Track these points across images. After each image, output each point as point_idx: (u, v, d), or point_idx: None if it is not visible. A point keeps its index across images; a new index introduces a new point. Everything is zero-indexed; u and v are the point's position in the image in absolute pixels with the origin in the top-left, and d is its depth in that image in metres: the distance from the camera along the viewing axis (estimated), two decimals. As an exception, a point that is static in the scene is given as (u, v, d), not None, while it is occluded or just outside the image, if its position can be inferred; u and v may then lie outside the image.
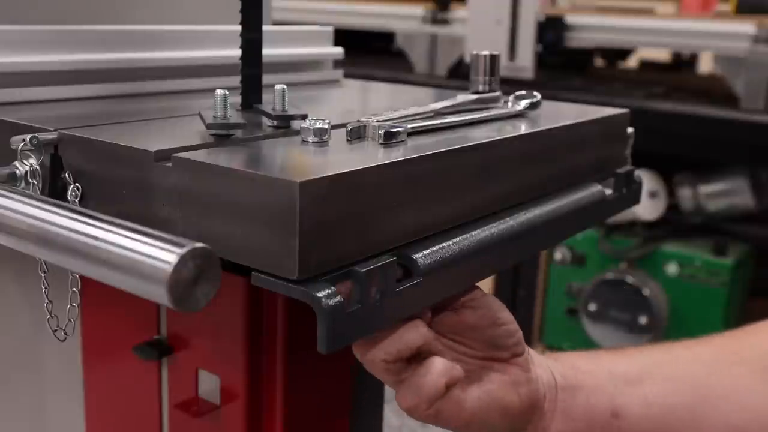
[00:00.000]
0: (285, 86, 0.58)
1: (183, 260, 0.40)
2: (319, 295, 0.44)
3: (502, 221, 0.59)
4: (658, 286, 1.82)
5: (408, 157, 0.51)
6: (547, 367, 0.63)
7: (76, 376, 0.74)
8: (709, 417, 0.63)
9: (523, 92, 0.71)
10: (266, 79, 0.66)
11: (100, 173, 0.55)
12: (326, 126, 0.53)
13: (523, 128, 0.66)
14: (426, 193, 0.54)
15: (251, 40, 0.65)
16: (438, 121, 0.61)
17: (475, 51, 0.70)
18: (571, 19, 1.96)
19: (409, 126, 0.57)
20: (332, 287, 0.45)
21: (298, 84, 0.88)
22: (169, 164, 0.50)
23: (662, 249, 1.83)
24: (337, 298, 0.45)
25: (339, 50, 0.97)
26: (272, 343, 0.61)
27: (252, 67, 0.66)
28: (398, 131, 0.54)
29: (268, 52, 0.66)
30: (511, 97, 0.71)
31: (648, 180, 1.85)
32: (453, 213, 0.56)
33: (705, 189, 1.86)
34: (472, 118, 0.65)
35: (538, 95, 0.71)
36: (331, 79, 0.96)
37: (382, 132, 0.54)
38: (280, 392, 0.62)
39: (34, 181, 0.55)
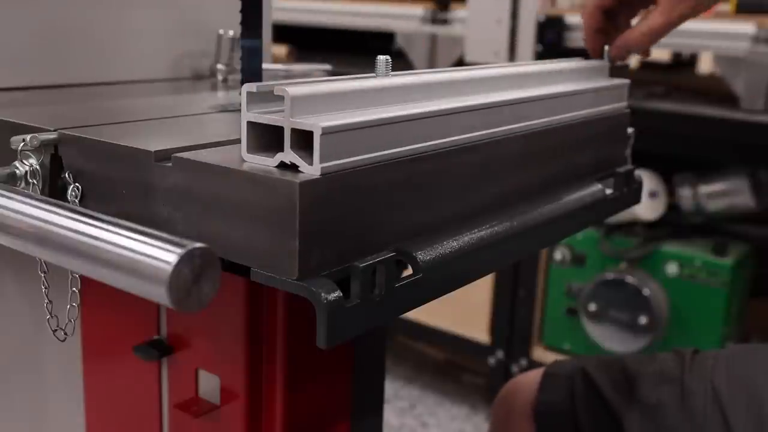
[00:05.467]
0: None
1: (183, 260, 0.40)
2: (318, 290, 0.44)
3: (501, 219, 0.59)
4: (658, 286, 1.82)
5: (408, 156, 0.51)
6: None
7: (76, 376, 0.74)
8: None
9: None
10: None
11: (100, 173, 0.55)
12: None
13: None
14: (426, 192, 0.54)
15: (252, 39, 0.65)
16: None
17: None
18: (571, 19, 1.96)
19: None
20: (331, 282, 0.45)
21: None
22: (169, 164, 0.50)
23: (662, 249, 1.83)
24: (336, 293, 0.45)
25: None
26: (272, 343, 0.61)
27: (252, 67, 0.66)
28: None
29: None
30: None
31: (648, 180, 1.85)
32: (453, 211, 0.56)
33: (705, 189, 1.86)
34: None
35: None
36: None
37: None
38: (280, 392, 0.62)
39: (34, 181, 0.55)
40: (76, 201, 0.55)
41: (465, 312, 2.11)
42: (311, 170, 0.45)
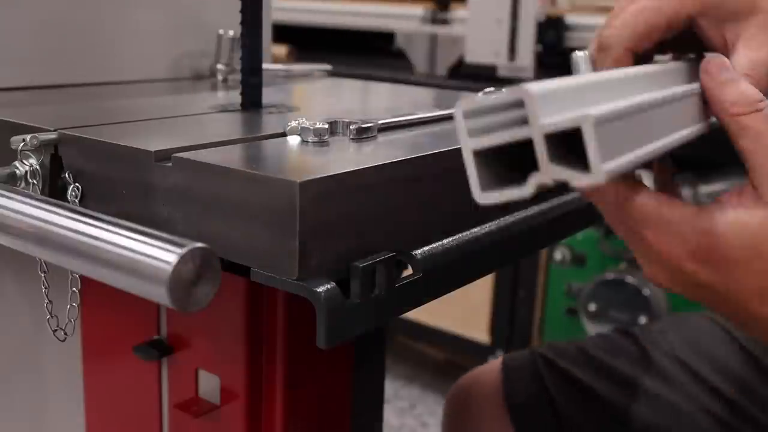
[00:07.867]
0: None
1: (183, 260, 0.40)
2: (318, 290, 0.44)
3: (501, 219, 0.59)
4: (658, 286, 1.82)
5: (407, 156, 0.51)
6: None
7: (76, 376, 0.74)
8: None
9: (492, 89, 0.71)
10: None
11: (100, 173, 0.55)
12: (326, 126, 0.54)
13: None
14: (425, 192, 0.54)
15: (252, 39, 0.65)
16: (408, 117, 0.62)
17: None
18: (571, 19, 1.96)
19: (380, 122, 0.59)
20: (331, 282, 0.45)
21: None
22: (169, 164, 0.50)
23: (662, 249, 1.83)
24: (337, 293, 0.45)
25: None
26: (272, 343, 0.61)
27: (252, 67, 0.66)
28: (369, 126, 0.57)
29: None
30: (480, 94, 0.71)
31: (648, 180, 1.84)
32: (452, 211, 0.56)
33: (705, 189, 1.86)
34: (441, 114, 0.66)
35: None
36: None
37: (354, 128, 0.56)
38: (280, 392, 0.62)
39: (34, 181, 0.55)
40: (76, 201, 0.55)
41: (465, 312, 2.11)
42: (592, 178, 0.35)
